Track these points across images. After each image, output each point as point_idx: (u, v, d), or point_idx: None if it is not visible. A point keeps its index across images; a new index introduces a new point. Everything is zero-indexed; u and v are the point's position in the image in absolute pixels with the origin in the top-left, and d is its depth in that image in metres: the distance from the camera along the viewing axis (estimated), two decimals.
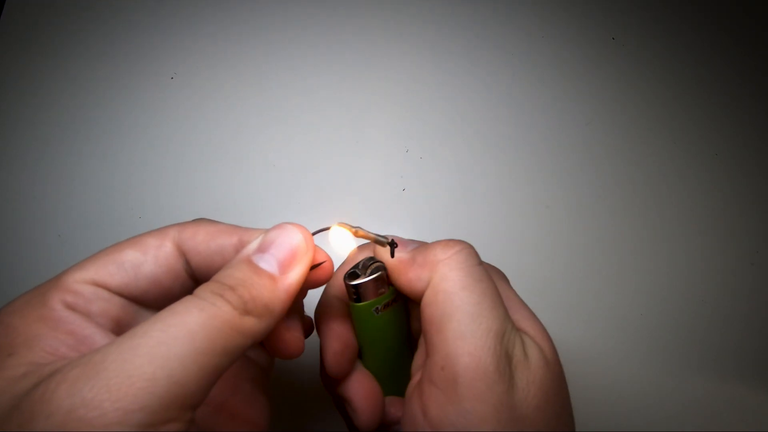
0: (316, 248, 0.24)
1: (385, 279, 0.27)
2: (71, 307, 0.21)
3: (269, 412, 0.27)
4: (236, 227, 0.25)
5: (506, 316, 0.24)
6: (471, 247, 0.25)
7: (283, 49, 0.51)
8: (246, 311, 0.20)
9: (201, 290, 0.20)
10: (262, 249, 0.23)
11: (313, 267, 0.24)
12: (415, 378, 0.26)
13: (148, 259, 0.23)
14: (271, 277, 0.22)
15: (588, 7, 0.54)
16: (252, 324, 0.20)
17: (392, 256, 0.26)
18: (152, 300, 0.24)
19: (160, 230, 0.24)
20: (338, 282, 0.28)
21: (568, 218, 0.47)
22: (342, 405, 0.28)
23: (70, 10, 0.50)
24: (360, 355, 0.29)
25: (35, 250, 0.43)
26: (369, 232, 0.26)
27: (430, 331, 0.24)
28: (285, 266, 0.22)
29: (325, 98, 0.49)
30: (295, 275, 0.23)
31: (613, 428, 0.42)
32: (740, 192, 0.49)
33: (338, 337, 0.27)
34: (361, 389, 0.27)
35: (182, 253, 0.24)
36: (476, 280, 0.24)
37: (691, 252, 0.47)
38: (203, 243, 0.24)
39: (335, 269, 0.27)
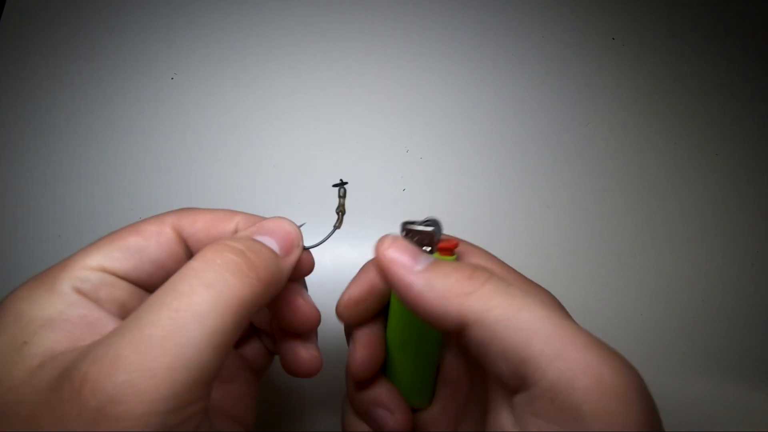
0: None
1: (434, 239, 0.25)
2: (80, 293, 0.21)
3: (255, 412, 0.28)
4: (232, 213, 0.26)
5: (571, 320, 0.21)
6: (500, 275, 0.22)
7: (283, 49, 0.51)
8: (258, 278, 0.20)
9: (205, 259, 0.20)
10: (261, 233, 0.23)
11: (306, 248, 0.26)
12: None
13: (150, 244, 0.23)
14: (273, 252, 0.23)
15: (588, 7, 0.54)
16: (259, 292, 0.20)
17: (340, 195, 0.28)
18: (156, 283, 0.24)
19: (157, 217, 0.25)
20: (371, 280, 0.27)
21: (568, 218, 0.47)
22: (369, 415, 0.28)
23: (69, 10, 0.50)
24: (383, 368, 0.29)
25: (35, 250, 0.43)
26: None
27: (500, 365, 0.20)
28: (284, 250, 0.23)
29: (326, 98, 0.49)
30: (291, 259, 0.24)
31: None
32: (740, 192, 0.49)
33: (368, 337, 0.27)
34: (391, 396, 0.28)
35: (182, 239, 0.25)
36: (524, 297, 0.20)
37: (691, 252, 0.47)
38: (203, 230, 0.25)
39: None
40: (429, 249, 0.26)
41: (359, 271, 0.28)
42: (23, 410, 0.17)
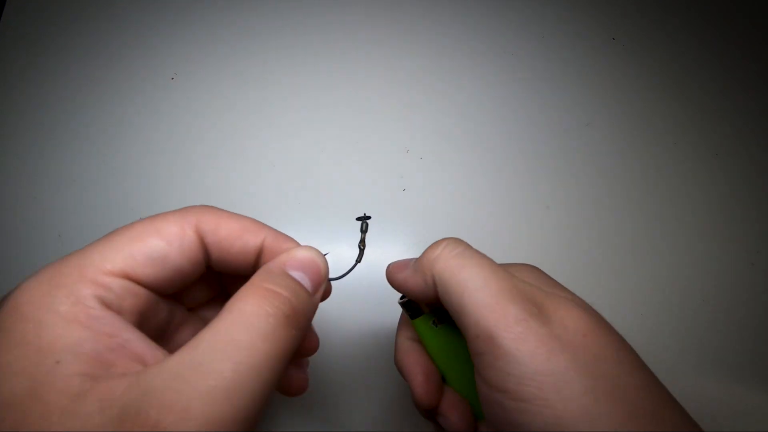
0: None
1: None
2: (105, 304, 0.20)
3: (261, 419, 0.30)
4: (259, 226, 0.26)
5: (511, 275, 0.25)
6: (456, 238, 0.27)
7: (283, 49, 0.51)
8: (299, 328, 0.21)
9: (256, 306, 0.20)
10: (295, 268, 0.24)
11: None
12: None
13: (173, 250, 0.23)
14: (309, 294, 0.23)
15: (588, 7, 0.54)
16: (299, 340, 0.21)
17: (362, 230, 0.30)
18: (172, 288, 0.24)
19: (179, 215, 0.24)
20: (406, 324, 0.30)
21: (568, 219, 0.47)
22: (437, 423, 0.30)
23: (70, 11, 0.51)
24: (444, 380, 0.30)
25: (35, 250, 0.43)
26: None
27: (455, 318, 0.25)
28: (314, 287, 0.24)
29: (325, 98, 0.49)
30: (319, 296, 0.24)
31: None
32: (740, 192, 0.49)
33: (419, 369, 0.29)
34: (452, 404, 0.29)
35: (204, 245, 0.24)
36: (469, 259, 0.25)
37: (691, 252, 0.47)
38: (227, 241, 0.24)
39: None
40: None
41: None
42: None
